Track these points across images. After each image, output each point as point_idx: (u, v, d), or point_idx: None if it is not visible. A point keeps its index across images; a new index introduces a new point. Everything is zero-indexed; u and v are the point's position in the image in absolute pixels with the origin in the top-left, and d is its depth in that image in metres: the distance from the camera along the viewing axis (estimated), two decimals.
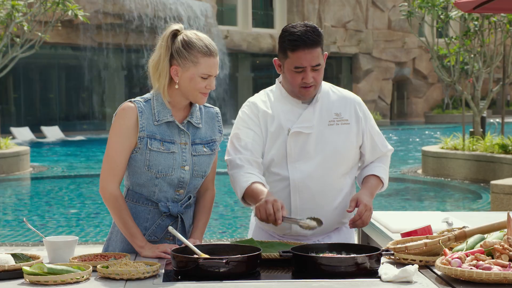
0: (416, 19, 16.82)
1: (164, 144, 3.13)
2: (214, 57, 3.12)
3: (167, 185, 3.16)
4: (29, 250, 7.52)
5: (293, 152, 3.35)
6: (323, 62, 3.29)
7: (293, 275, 2.77)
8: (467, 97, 16.11)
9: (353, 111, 3.44)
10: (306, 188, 3.35)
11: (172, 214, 3.20)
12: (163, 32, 3.17)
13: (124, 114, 3.12)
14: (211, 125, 3.30)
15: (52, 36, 21.46)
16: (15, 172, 15.96)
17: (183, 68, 3.10)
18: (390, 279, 2.57)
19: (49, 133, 27.62)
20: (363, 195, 3.32)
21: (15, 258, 2.81)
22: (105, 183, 3.13)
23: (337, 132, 3.39)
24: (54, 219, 10.53)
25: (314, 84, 3.29)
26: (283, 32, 3.29)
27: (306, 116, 3.36)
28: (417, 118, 42.68)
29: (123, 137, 3.11)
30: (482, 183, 13.47)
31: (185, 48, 3.09)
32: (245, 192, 3.23)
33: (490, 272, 2.46)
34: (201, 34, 3.17)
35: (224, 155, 3.46)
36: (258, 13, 37.87)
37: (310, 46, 3.22)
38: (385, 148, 3.54)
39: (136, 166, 3.14)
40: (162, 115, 3.14)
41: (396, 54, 41.02)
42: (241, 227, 9.96)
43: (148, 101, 3.16)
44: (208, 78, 3.11)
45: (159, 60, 3.13)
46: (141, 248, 3.07)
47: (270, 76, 37.90)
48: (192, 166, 3.19)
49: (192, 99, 3.16)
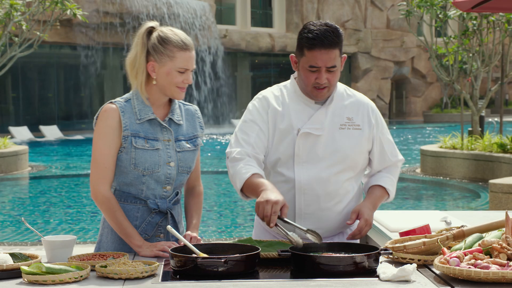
0: (415, 18, 16.82)
1: (148, 141, 3.16)
2: (190, 51, 3.16)
3: (154, 182, 3.18)
4: (27, 249, 7.51)
5: (301, 153, 3.29)
6: (339, 64, 3.23)
7: (291, 275, 2.77)
8: (465, 96, 16.11)
9: (366, 116, 3.38)
10: (311, 191, 3.29)
11: (162, 211, 3.23)
12: (138, 30, 3.20)
13: (107, 116, 3.14)
14: (192, 122, 3.34)
15: (50, 35, 21.46)
16: (13, 171, 15.95)
17: (160, 63, 3.14)
18: (389, 278, 2.57)
19: (48, 133, 27.61)
20: (365, 208, 3.26)
21: (14, 258, 2.80)
22: (96, 186, 3.15)
23: (348, 136, 3.32)
24: (52, 218, 10.53)
25: (328, 85, 3.23)
26: (302, 29, 3.24)
27: (317, 117, 3.30)
28: (416, 117, 42.69)
29: (109, 138, 3.13)
30: (480, 182, 13.48)
31: (161, 44, 3.13)
32: (245, 184, 3.15)
33: (488, 271, 2.46)
34: (177, 29, 3.21)
35: (220, 154, 3.44)
36: (257, 13, 37.86)
37: (328, 46, 3.15)
38: (395, 157, 3.46)
39: (122, 166, 3.16)
40: (143, 113, 3.18)
41: (394, 53, 41.03)
42: (239, 226, 9.97)
43: (129, 100, 3.20)
44: (185, 72, 3.15)
45: (135, 57, 3.17)
46: (139, 247, 3.08)
47: (269, 75, 37.90)
48: (177, 162, 3.22)
49: (170, 94, 3.19)
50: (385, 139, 3.43)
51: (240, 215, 11.16)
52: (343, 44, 3.25)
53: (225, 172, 16.18)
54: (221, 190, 14.09)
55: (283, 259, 2.84)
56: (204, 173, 16.38)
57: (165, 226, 3.25)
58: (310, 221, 3.30)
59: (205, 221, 10.37)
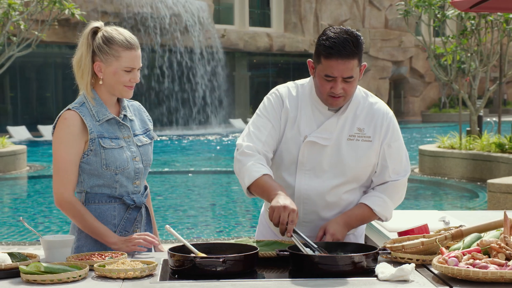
0: (413, 18, 16.82)
1: (113, 140, 3.20)
2: (135, 50, 3.17)
3: (125, 179, 3.21)
4: (26, 249, 7.49)
5: (304, 161, 3.19)
6: (357, 75, 3.07)
7: (290, 274, 2.76)
8: (464, 96, 16.12)
9: (378, 127, 3.21)
10: (310, 201, 3.21)
11: (138, 206, 3.27)
12: (83, 30, 3.22)
13: (67, 123, 3.15)
14: (140, 117, 3.40)
15: (48, 35, 21.44)
16: (11, 171, 15.93)
17: (106, 64, 3.16)
18: (387, 278, 2.57)
19: (46, 132, 27.57)
20: (333, 223, 3.12)
21: (12, 257, 2.80)
22: (60, 194, 3.15)
23: (355, 148, 3.18)
24: (51, 218, 10.52)
25: (343, 95, 3.09)
26: (321, 34, 3.09)
27: (327, 127, 3.17)
28: (414, 117, 42.71)
29: (69, 145, 3.14)
30: (479, 182, 13.48)
31: (106, 44, 3.15)
32: (254, 183, 3.05)
33: (486, 271, 2.46)
34: (121, 29, 3.22)
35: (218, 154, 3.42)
36: (255, 12, 37.85)
37: (345, 57, 3.00)
38: (396, 175, 3.23)
39: (92, 169, 3.17)
40: (101, 114, 3.20)
41: (393, 53, 41.03)
42: (238, 226, 9.96)
43: (83, 104, 3.21)
44: (131, 71, 3.17)
45: (81, 58, 3.19)
46: (114, 244, 3.11)
47: (267, 75, 37.89)
48: (141, 157, 3.27)
49: (118, 93, 3.21)
50: (392, 153, 3.23)
51: (238, 214, 11.16)
52: (362, 53, 3.09)
53: (223, 172, 16.17)
54: (220, 190, 14.08)
55: (282, 258, 2.84)
56: (203, 173, 16.38)
57: (140, 220, 3.30)
58: (309, 228, 3.23)
59: (203, 221, 10.37)
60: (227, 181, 15.01)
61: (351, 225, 3.19)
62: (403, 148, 3.28)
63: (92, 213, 3.19)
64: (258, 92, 36.36)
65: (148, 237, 3.09)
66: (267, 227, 3.44)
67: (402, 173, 3.26)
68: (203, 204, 12.01)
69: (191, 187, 14.16)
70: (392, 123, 3.25)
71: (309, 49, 37.16)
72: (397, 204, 3.32)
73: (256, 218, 10.52)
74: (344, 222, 3.16)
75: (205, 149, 22.27)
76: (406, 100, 43.46)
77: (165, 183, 14.64)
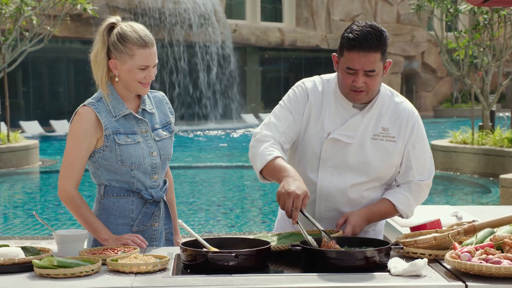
0: (425, 12, 16.77)
1: (129, 136, 3.20)
2: (150, 47, 3.16)
3: (142, 174, 3.22)
4: (38, 243, 7.54)
5: (327, 158, 3.17)
6: (380, 69, 3.06)
7: (302, 269, 2.76)
8: (476, 91, 16.05)
9: (403, 127, 3.18)
10: (332, 198, 3.19)
11: (156, 200, 3.27)
12: (100, 26, 3.22)
13: (81, 119, 3.16)
14: (162, 109, 3.38)
15: (61, 30, 21.50)
16: (24, 166, 16.00)
17: (121, 61, 3.16)
18: (400, 273, 2.57)
19: (58, 127, 27.66)
20: (356, 217, 3.10)
21: (25, 251, 2.82)
22: (62, 185, 3.18)
23: (379, 148, 3.16)
24: (63, 212, 10.56)
25: (365, 89, 3.06)
26: (346, 28, 3.08)
27: (351, 124, 3.15)
28: (426, 112, 42.58)
29: (80, 140, 3.16)
30: (491, 177, 13.43)
31: (120, 41, 3.15)
32: (266, 166, 3.01)
33: (500, 266, 2.45)
34: (137, 25, 3.20)
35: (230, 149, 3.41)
36: (266, 7, 37.79)
37: (367, 49, 3.00)
38: (420, 175, 3.21)
39: (108, 164, 3.19)
40: (118, 110, 3.20)
41: (405, 48, 40.91)
42: (249, 221, 9.97)
43: (100, 99, 3.22)
44: (146, 69, 3.17)
45: (97, 54, 3.20)
46: (105, 241, 3.12)
47: (279, 70, 37.84)
48: (158, 151, 3.26)
49: (134, 90, 3.22)
50: (416, 153, 3.20)
51: (250, 210, 11.17)
52: (386, 48, 3.08)
53: (235, 167, 16.18)
54: (232, 185, 14.10)
55: (295, 253, 2.83)
56: (215, 168, 16.39)
57: (159, 215, 3.31)
58: (331, 225, 3.22)
59: (215, 216, 10.39)
60: (238, 176, 15.02)
61: (372, 220, 3.19)
62: (427, 148, 3.26)
63: (110, 206, 3.22)
64: (270, 87, 36.35)
65: (137, 239, 3.07)
66: (286, 219, 3.38)
67: (426, 174, 3.24)
68: (214, 199, 12.02)
69: (202, 182, 14.18)
70: (417, 123, 3.22)
71: (321, 44, 37.10)
72: (419, 203, 3.30)
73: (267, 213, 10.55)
74: (367, 216, 3.15)
75: (216, 144, 22.29)
76: (418, 95, 43.35)
77: (175, 178, 14.56)
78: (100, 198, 3.26)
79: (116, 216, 3.24)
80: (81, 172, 3.19)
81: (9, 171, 15.32)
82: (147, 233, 3.28)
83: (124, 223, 3.25)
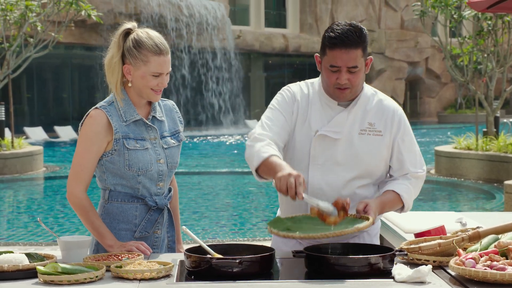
0: (429, 18, 16.76)
1: (138, 141, 3.21)
2: (164, 55, 3.17)
3: (148, 180, 3.23)
4: (43, 249, 7.54)
5: (316, 155, 3.22)
6: (362, 65, 3.15)
7: (306, 275, 2.76)
8: (480, 97, 16.04)
9: (389, 122, 3.26)
10: (323, 195, 3.19)
11: (160, 207, 3.28)
12: (117, 30, 3.23)
13: (93, 121, 3.18)
14: (172, 117, 3.39)
15: (65, 36, 21.53)
16: (28, 172, 16.02)
17: (135, 67, 3.17)
18: (404, 280, 2.57)
19: (63, 133, 27.71)
20: (374, 203, 3.09)
21: (29, 258, 2.82)
22: (71, 187, 3.20)
23: (367, 142, 3.22)
24: (67, 219, 10.57)
25: (349, 86, 3.15)
26: (326, 29, 3.19)
27: (337, 121, 3.22)
28: (430, 118, 42.55)
29: (90, 143, 3.17)
30: (495, 183, 13.41)
31: (135, 48, 3.16)
32: (262, 164, 3.06)
33: (504, 273, 2.45)
34: (153, 32, 3.22)
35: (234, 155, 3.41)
36: (270, 13, 37.85)
37: (348, 46, 3.09)
38: (414, 168, 3.27)
39: (115, 168, 3.20)
40: (128, 115, 3.22)
41: (409, 53, 40.91)
42: (253, 227, 9.96)
43: (112, 103, 3.24)
44: (159, 76, 3.18)
45: (111, 58, 3.22)
46: (110, 247, 3.12)
47: (283, 76, 37.86)
48: (166, 159, 3.27)
49: (146, 97, 3.23)
50: (406, 147, 3.27)
51: (254, 216, 11.16)
52: (367, 45, 3.16)
53: (239, 173, 16.18)
54: (236, 191, 14.10)
55: (299, 259, 2.83)
56: (219, 174, 16.39)
57: (162, 222, 3.32)
58: None
59: (219, 222, 10.38)
60: (242, 182, 15.02)
61: (383, 211, 3.21)
62: (415, 142, 3.35)
63: (114, 211, 3.23)
64: (274, 93, 35.68)
65: (142, 246, 3.09)
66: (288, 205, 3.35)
67: (419, 166, 3.30)
68: (218, 205, 12.02)
69: (206, 188, 14.18)
70: (402, 118, 3.31)
71: None
72: (416, 196, 3.34)
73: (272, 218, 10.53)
74: (381, 206, 3.15)
75: (220, 150, 22.30)
76: (422, 101, 43.31)
77: (179, 184, 14.61)
78: (104, 203, 3.27)
79: (119, 221, 3.25)
80: (90, 175, 3.20)
81: (14, 177, 15.34)
82: (149, 240, 3.29)
83: (127, 229, 3.25)
